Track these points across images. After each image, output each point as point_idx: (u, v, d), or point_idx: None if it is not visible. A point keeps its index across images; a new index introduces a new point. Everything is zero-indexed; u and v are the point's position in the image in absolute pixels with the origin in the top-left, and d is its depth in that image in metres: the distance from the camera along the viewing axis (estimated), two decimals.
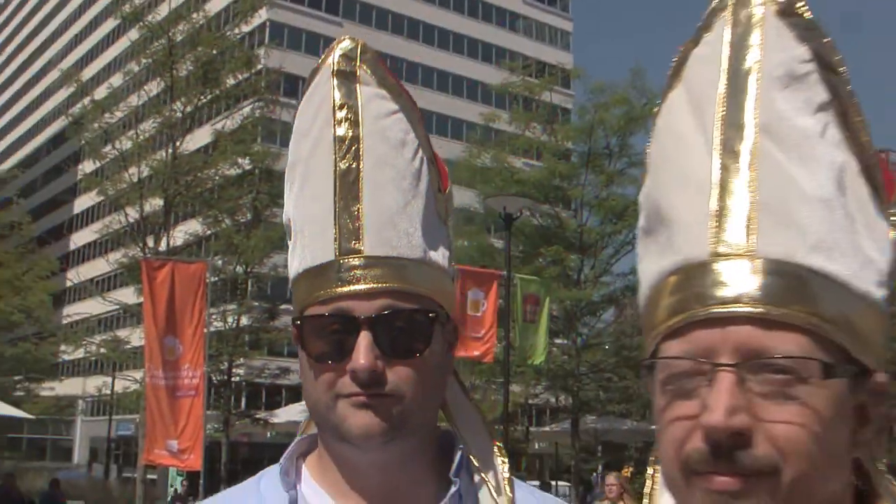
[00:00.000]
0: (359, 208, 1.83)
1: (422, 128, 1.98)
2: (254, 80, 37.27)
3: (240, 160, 35.87)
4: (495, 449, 1.97)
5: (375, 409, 1.76)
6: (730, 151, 1.34)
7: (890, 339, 1.42)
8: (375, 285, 1.79)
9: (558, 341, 37.19)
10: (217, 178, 35.58)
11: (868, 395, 1.32)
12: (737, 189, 1.32)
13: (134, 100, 38.65)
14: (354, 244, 1.81)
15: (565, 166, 37.54)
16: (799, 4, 1.41)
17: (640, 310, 1.46)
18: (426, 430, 1.89)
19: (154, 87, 37.43)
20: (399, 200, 1.85)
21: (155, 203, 34.93)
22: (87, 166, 47.61)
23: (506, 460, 1.96)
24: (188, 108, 34.53)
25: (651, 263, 1.41)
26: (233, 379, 37.93)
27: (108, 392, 47.90)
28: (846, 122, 1.38)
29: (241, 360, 37.62)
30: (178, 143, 34.46)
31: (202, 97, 34.56)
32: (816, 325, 1.28)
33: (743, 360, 1.26)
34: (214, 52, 34.59)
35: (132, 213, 34.54)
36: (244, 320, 37.63)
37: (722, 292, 1.30)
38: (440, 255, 1.92)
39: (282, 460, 1.94)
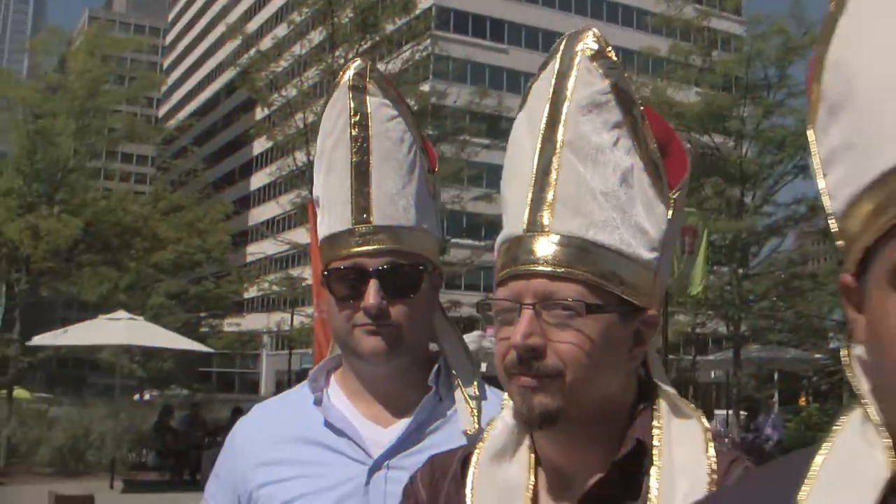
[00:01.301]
0: (368, 190, 2.45)
1: (415, 126, 2.59)
2: (413, 24, 37.75)
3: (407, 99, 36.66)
4: (471, 364, 2.60)
5: (381, 335, 2.40)
6: (544, 159, 1.87)
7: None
8: (380, 246, 2.43)
9: (724, 269, 36.77)
10: None
11: (641, 324, 1.85)
12: (545, 187, 1.86)
13: (297, 49, 39.63)
14: (365, 217, 2.44)
15: (724, 98, 36.83)
16: (607, 50, 1.91)
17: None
18: (418, 350, 2.52)
19: (316, 37, 38.34)
20: (398, 184, 2.48)
21: None
22: (259, 113, 49.01)
23: (478, 371, 2.59)
24: (350, 55, 35.29)
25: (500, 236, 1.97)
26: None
27: (287, 328, 49.45)
28: (635, 134, 1.89)
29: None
30: None
31: (362, 44, 35.19)
32: (590, 278, 1.79)
33: (539, 301, 1.78)
34: None
35: (300, 158, 35.64)
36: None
37: (528, 256, 1.84)
38: (429, 224, 2.55)
39: (311, 372, 2.61)
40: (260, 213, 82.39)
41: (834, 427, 1.43)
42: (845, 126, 1.34)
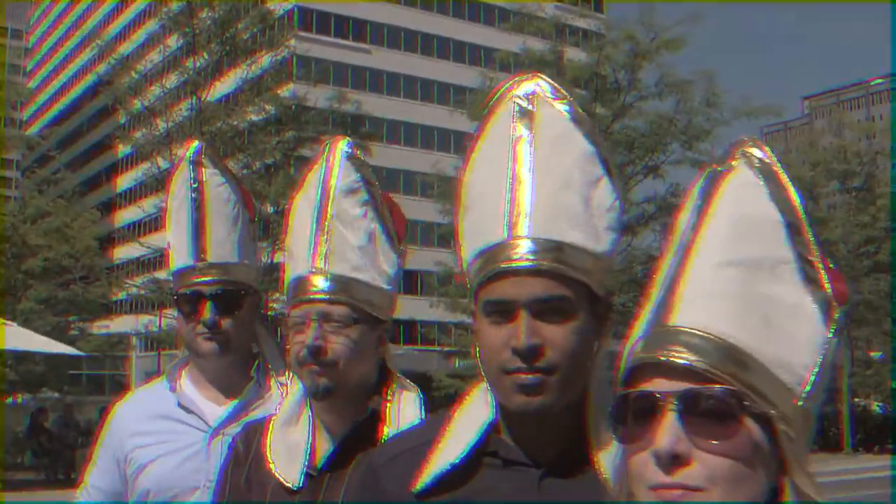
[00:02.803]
0: (204, 237, 3.43)
1: (238, 188, 3.58)
2: (270, 31, 38.51)
3: (266, 106, 37.29)
4: (282, 361, 3.48)
5: (215, 341, 3.38)
6: (320, 225, 2.78)
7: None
8: (213, 277, 3.42)
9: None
10: (243, 125, 36.94)
11: (383, 332, 2.54)
12: (320, 241, 2.79)
13: (156, 56, 40.04)
14: (203, 256, 3.44)
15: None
16: (358, 152, 2.85)
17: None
18: (242, 351, 3.49)
19: (174, 43, 38.75)
20: (226, 232, 3.48)
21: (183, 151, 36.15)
22: (121, 117, 48.97)
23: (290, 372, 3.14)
24: (208, 61, 35.63)
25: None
26: (268, 313, 39.31)
27: (156, 330, 49.29)
28: (376, 208, 2.82)
29: (277, 294, 38.60)
30: (201, 95, 35.84)
31: (220, 53, 35.92)
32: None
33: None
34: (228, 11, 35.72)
35: (163, 163, 36.06)
36: (278, 257, 38.96)
37: (311, 289, 2.75)
38: (249, 260, 3.55)
39: (167, 368, 3.59)
40: (125, 216, 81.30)
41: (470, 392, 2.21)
42: (470, 215, 2.16)
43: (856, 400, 43.33)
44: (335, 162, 2.85)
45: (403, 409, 2.81)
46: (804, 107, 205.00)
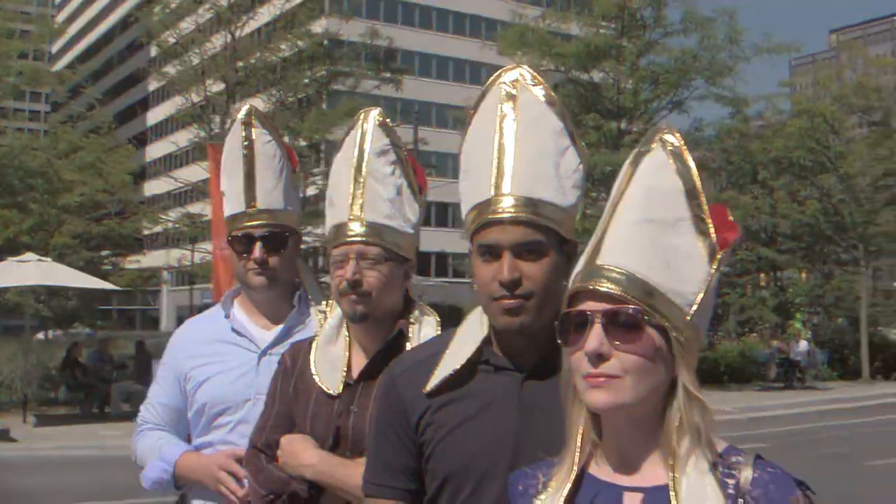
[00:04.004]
0: (254, 186, 3.91)
1: (283, 145, 4.03)
2: None
3: (299, 42, 37.47)
4: (320, 292, 4.05)
5: (264, 275, 3.87)
6: (357, 181, 3.33)
7: None
8: (262, 221, 3.89)
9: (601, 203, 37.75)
10: (276, 60, 37.03)
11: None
12: (356, 196, 3.27)
13: None
14: (253, 203, 3.90)
15: (601, 38, 37.80)
16: (388, 120, 3.40)
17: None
18: (287, 283, 3.98)
19: None
20: (273, 182, 3.95)
21: (218, 86, 36.58)
22: (154, 51, 48.92)
23: (330, 303, 3.72)
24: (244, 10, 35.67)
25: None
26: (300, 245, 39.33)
27: (189, 263, 49.77)
28: (403, 167, 3.35)
29: (308, 227, 38.95)
30: (234, 31, 35.97)
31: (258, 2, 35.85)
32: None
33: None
34: None
35: (195, 98, 36.40)
36: (311, 190, 39.18)
37: (349, 233, 3.24)
38: (293, 206, 4.02)
39: (222, 297, 4.14)
40: (157, 150, 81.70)
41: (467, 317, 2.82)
42: (467, 178, 2.76)
43: (879, 329, 43.56)
44: (368, 128, 3.38)
45: (424, 330, 3.37)
46: (832, 40, 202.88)
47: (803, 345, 38.54)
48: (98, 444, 20.47)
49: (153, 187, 75.64)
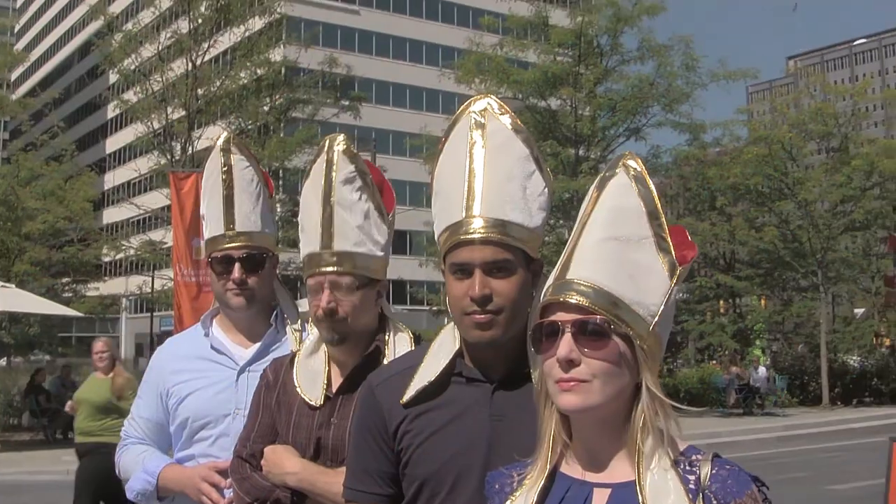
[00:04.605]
0: (233, 210, 4.07)
1: (259, 170, 4.22)
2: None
3: (258, 70, 37.48)
4: (296, 311, 4.19)
5: (242, 295, 4.04)
6: (325, 210, 3.57)
7: None
8: (240, 243, 4.06)
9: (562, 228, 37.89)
10: (234, 86, 37.06)
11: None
12: (326, 225, 3.39)
13: (148, 16, 39.76)
14: (231, 226, 4.07)
15: (558, 66, 38.25)
16: (352, 147, 3.48)
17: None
18: (264, 303, 4.13)
19: (164, 4, 38.67)
20: (250, 206, 4.12)
21: (178, 112, 36.51)
22: (112, 78, 48.67)
23: (302, 321, 4.09)
24: (199, 22, 35.65)
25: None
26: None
27: (149, 290, 49.34)
28: (370, 191, 3.45)
29: (289, 258, 38.68)
30: (194, 58, 35.91)
31: (213, 17, 35.91)
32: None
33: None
34: None
35: (156, 124, 36.24)
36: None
37: (322, 262, 3.36)
38: (270, 228, 4.19)
39: (202, 317, 4.26)
40: (115, 177, 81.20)
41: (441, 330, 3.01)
42: (439, 200, 2.92)
43: (838, 356, 43.81)
44: (334, 156, 3.51)
45: (398, 347, 3.52)
46: (789, 67, 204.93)
47: (762, 371, 38.72)
48: (63, 469, 20.40)
49: (111, 215, 75.12)
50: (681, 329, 42.34)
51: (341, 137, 3.59)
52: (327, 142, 3.57)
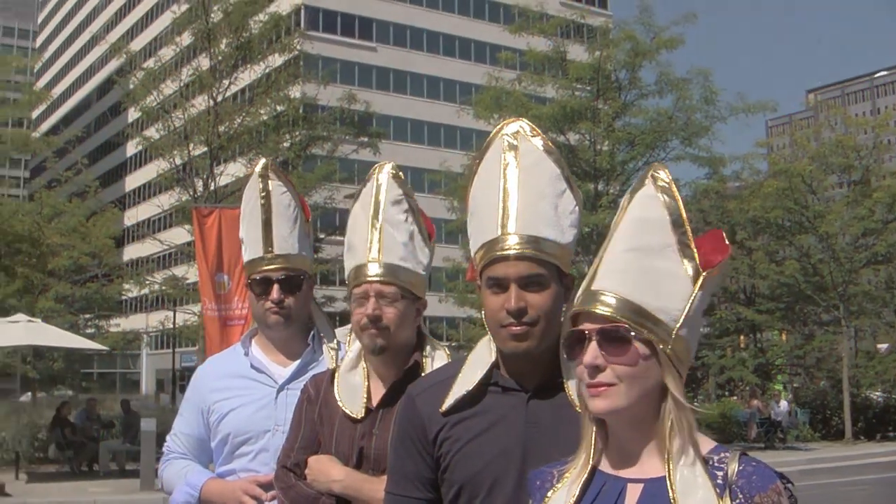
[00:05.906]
0: (271, 234, 4.24)
1: (297, 196, 4.39)
2: (277, 34, 38.74)
3: (277, 107, 37.63)
4: (332, 331, 4.36)
5: (280, 315, 4.19)
6: (374, 228, 3.64)
7: None
8: (278, 265, 4.22)
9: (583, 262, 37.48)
10: (254, 123, 37.08)
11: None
12: (374, 242, 3.57)
13: (168, 52, 40.09)
14: (270, 249, 4.24)
15: (576, 100, 38.11)
16: (400, 174, 3.72)
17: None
18: (301, 322, 4.28)
19: (186, 39, 39.10)
20: (288, 230, 4.28)
21: (200, 149, 36.73)
22: (132, 115, 48.85)
23: (338, 341, 4.23)
24: (220, 59, 35.93)
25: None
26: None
27: (171, 325, 49.33)
28: (414, 214, 3.66)
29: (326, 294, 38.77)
30: (215, 95, 36.07)
31: (234, 54, 36.22)
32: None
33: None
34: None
35: (178, 160, 36.43)
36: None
37: (370, 274, 3.54)
38: (306, 251, 4.35)
39: (241, 337, 4.43)
40: (136, 214, 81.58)
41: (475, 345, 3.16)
42: (475, 219, 3.08)
43: (861, 390, 43.42)
44: (383, 180, 3.73)
45: (435, 362, 3.67)
46: (809, 100, 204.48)
47: (784, 405, 38.55)
48: (90, 500, 20.89)
49: (132, 251, 75.53)
50: (701, 364, 42.24)
51: (391, 164, 3.82)
52: (377, 168, 3.80)
